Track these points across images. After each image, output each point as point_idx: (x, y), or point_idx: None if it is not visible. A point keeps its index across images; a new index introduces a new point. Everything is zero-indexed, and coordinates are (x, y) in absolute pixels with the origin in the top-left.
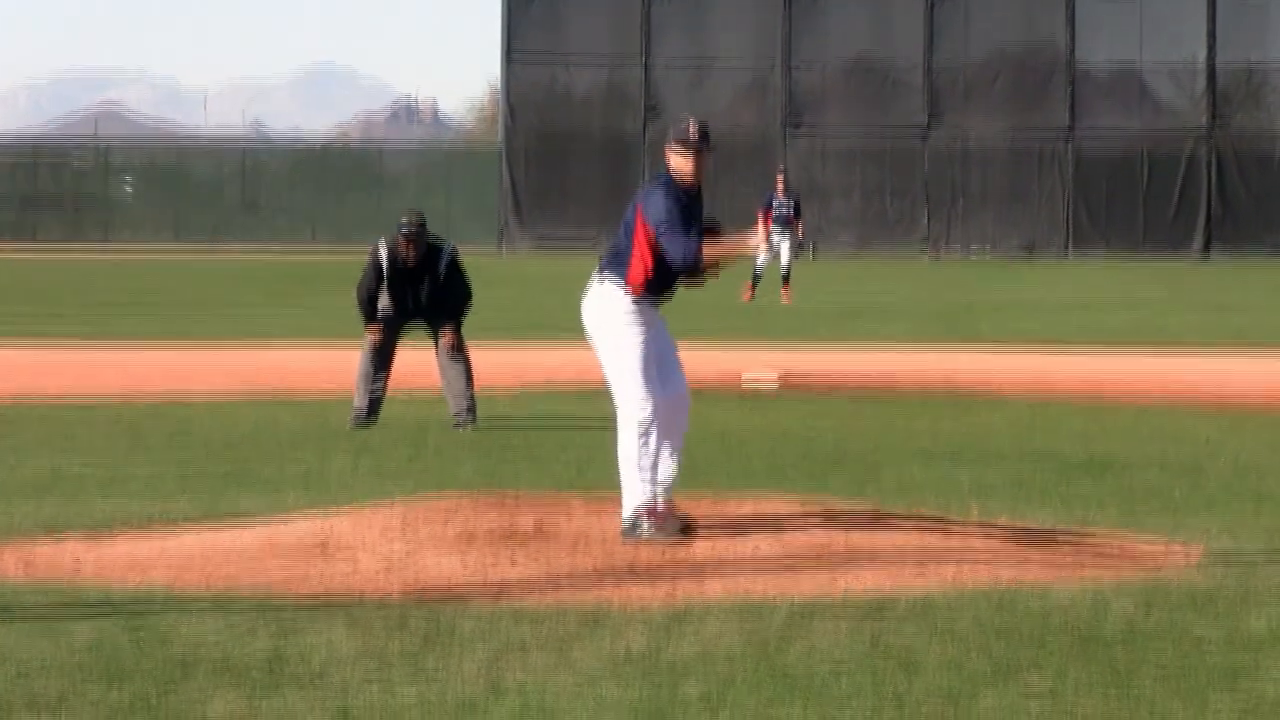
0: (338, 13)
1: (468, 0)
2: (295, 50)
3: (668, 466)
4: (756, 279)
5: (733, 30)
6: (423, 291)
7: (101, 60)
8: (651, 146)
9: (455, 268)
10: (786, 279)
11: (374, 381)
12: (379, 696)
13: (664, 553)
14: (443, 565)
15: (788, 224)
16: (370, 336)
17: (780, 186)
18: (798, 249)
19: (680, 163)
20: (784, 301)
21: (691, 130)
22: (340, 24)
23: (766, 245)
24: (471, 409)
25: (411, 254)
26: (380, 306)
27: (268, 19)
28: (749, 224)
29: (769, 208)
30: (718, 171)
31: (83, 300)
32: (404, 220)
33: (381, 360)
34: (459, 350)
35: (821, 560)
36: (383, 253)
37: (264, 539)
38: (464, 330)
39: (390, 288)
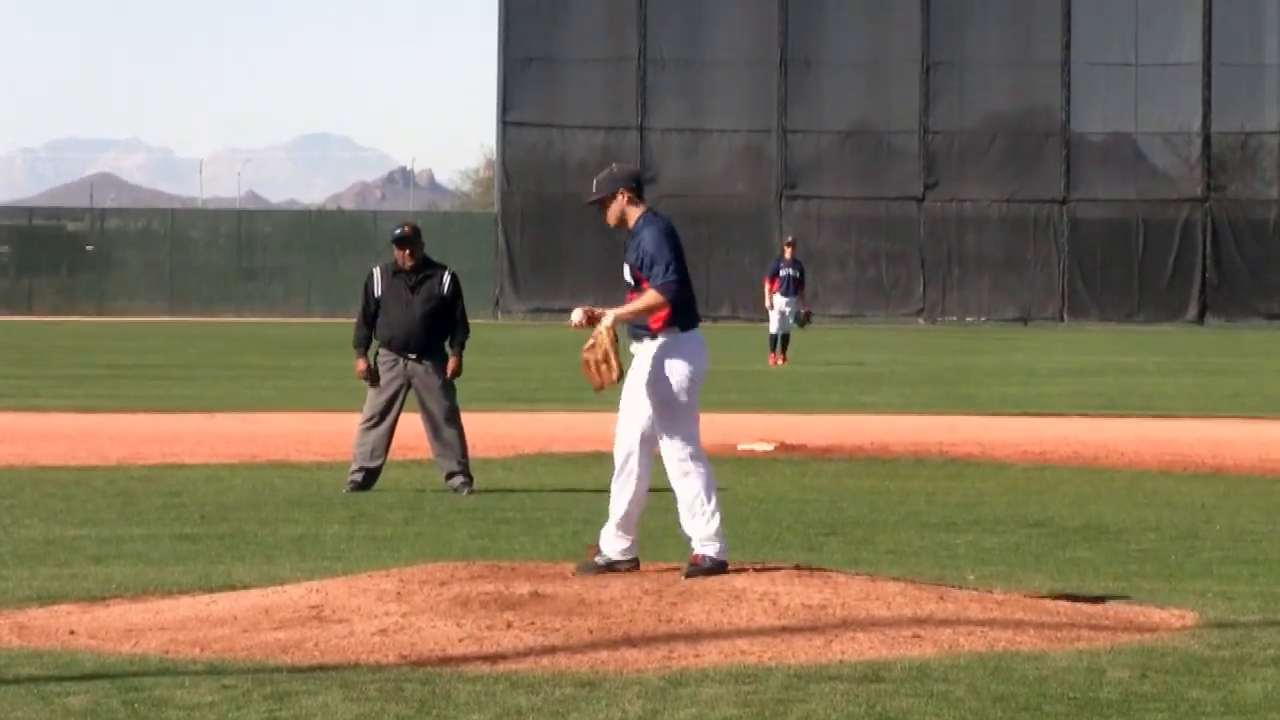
0: (333, 82)
1: (465, 70)
2: (290, 119)
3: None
4: (774, 341)
5: (728, 97)
6: (418, 301)
7: (97, 128)
8: None
9: (458, 291)
10: (785, 344)
11: (371, 460)
12: None
13: (660, 618)
14: (438, 631)
15: (795, 290)
16: (358, 367)
17: (789, 253)
18: (803, 319)
19: None
20: (780, 364)
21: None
22: (336, 93)
23: (773, 309)
24: (468, 475)
25: (406, 258)
26: (377, 340)
27: (263, 88)
28: (755, 290)
29: (775, 275)
30: (712, 238)
31: (77, 365)
32: (395, 228)
33: (380, 438)
34: (457, 374)
35: (817, 626)
36: (375, 272)
37: (259, 605)
38: (458, 400)
39: (386, 307)
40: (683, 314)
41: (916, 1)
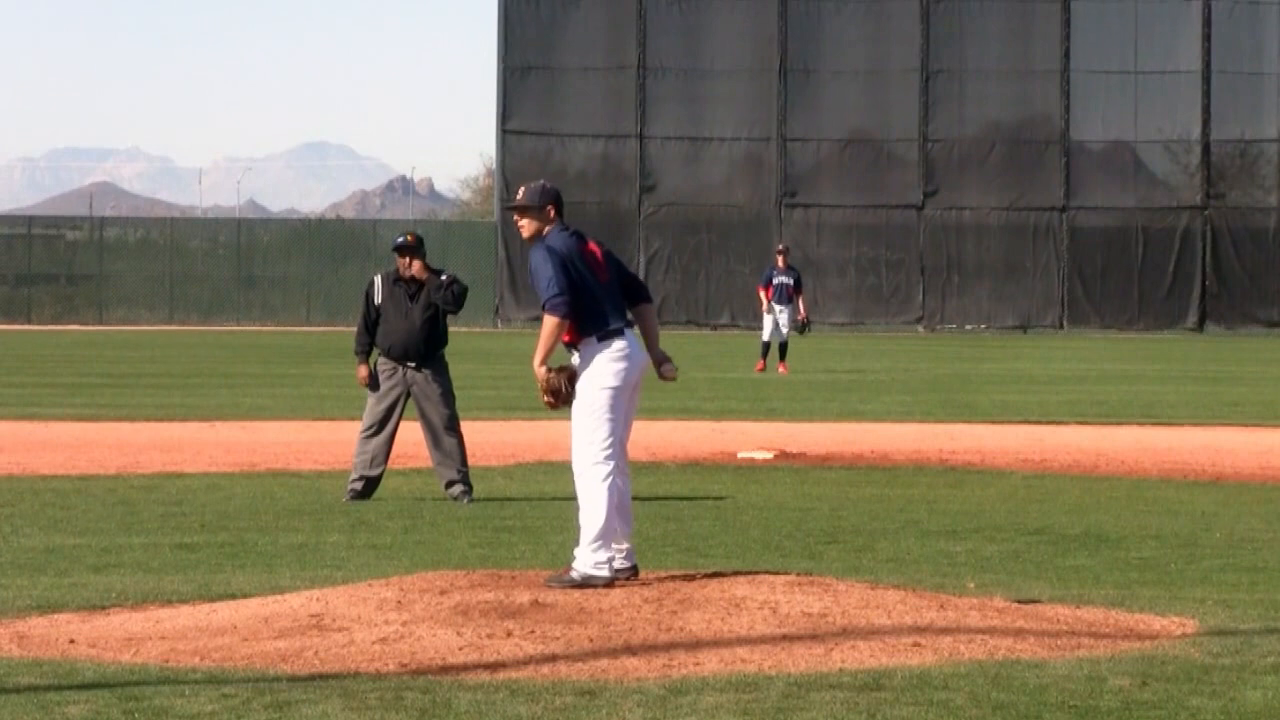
0: (333, 91)
1: (465, 79)
2: (290, 128)
3: None
4: (766, 348)
5: (728, 105)
6: (418, 310)
7: (97, 137)
8: (647, 221)
9: (457, 281)
10: (783, 352)
11: (371, 469)
12: None
13: (660, 627)
14: (439, 640)
15: (788, 298)
16: (359, 374)
17: (781, 261)
18: (802, 327)
19: None
20: (780, 372)
21: None
22: (335, 102)
23: (770, 315)
24: (467, 483)
25: (408, 266)
26: (377, 348)
27: (263, 97)
28: (753, 299)
29: (768, 283)
30: (712, 246)
31: (77, 374)
32: (398, 236)
33: (380, 447)
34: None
35: (817, 634)
36: (376, 280)
37: (259, 614)
38: (457, 408)
39: (386, 315)
40: (592, 323)
41: (916, 10)
